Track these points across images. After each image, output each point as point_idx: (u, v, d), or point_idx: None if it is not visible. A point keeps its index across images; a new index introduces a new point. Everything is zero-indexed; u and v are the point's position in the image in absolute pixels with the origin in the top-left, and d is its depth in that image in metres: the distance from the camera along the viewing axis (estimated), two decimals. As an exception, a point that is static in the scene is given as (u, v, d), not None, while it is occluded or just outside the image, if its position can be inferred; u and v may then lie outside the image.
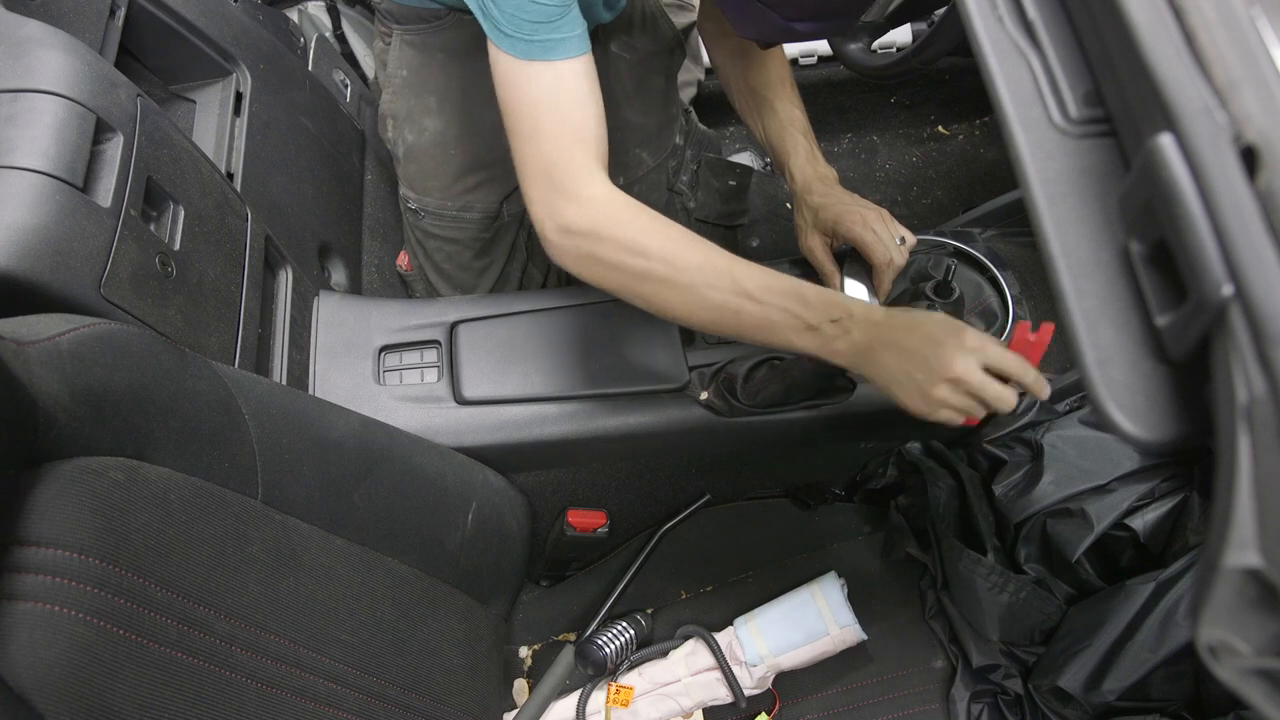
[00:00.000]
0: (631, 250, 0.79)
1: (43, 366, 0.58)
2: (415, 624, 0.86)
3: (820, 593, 1.01)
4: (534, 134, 0.80)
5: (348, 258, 1.21)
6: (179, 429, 0.67)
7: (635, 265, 0.79)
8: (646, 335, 1.02)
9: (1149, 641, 0.87)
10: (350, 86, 1.39)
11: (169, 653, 0.61)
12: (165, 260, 0.78)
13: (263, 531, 0.73)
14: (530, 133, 0.80)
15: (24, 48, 0.75)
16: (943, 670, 1.02)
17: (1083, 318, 0.40)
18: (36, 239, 0.67)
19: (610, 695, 0.99)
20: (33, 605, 0.53)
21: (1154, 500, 0.93)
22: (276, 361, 0.93)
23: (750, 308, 0.79)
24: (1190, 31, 0.37)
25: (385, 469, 0.85)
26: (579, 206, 0.79)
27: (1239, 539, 0.33)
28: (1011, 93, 0.44)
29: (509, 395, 0.98)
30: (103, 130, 0.76)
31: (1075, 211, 0.42)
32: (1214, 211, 0.34)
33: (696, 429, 0.99)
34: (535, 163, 0.80)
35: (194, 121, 1.09)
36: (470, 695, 0.90)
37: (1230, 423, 0.34)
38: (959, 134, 1.74)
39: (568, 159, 0.80)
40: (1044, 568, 0.97)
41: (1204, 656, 0.34)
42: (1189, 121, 0.36)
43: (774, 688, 1.01)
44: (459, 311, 1.03)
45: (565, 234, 0.80)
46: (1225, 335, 0.34)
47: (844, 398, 1.01)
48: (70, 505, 0.57)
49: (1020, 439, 1.01)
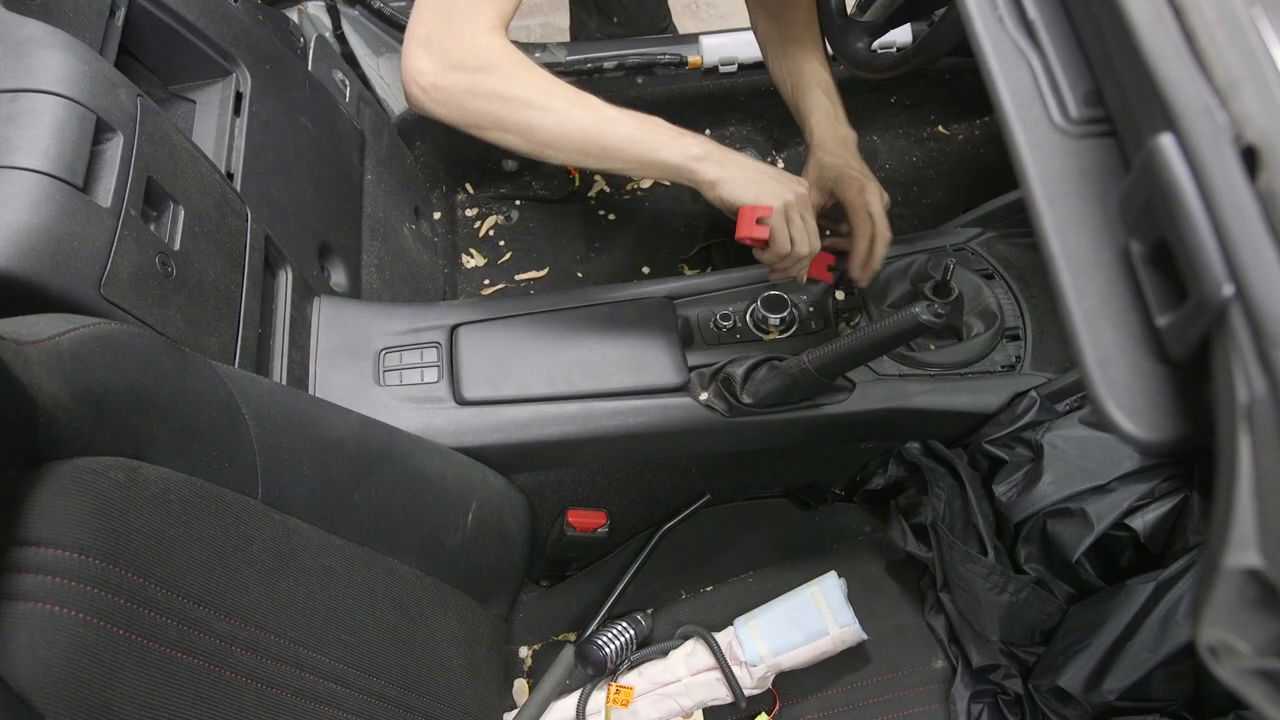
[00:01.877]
0: (512, 79, 0.83)
1: (43, 366, 0.58)
2: (415, 624, 0.86)
3: (820, 593, 1.01)
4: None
5: (347, 258, 1.21)
6: (179, 429, 0.67)
7: (513, 92, 0.83)
8: (646, 335, 1.02)
9: (1149, 641, 0.87)
10: (350, 86, 1.39)
11: (169, 653, 0.61)
12: (165, 260, 0.78)
13: (263, 531, 0.73)
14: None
15: (24, 48, 0.75)
16: (943, 670, 1.02)
17: (1083, 318, 0.40)
18: (36, 239, 0.67)
19: (610, 695, 0.98)
20: (33, 605, 0.53)
21: (1154, 500, 0.93)
22: (276, 361, 0.93)
23: (624, 122, 0.86)
24: (1190, 31, 0.37)
25: (385, 469, 0.85)
26: (469, 44, 0.83)
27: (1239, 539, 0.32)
28: (1011, 93, 0.44)
29: (509, 395, 0.98)
30: (103, 130, 0.76)
31: (1075, 211, 0.42)
32: (1214, 211, 0.34)
33: (696, 429, 0.99)
34: (430, 12, 0.83)
35: (194, 121, 1.08)
36: (470, 695, 0.90)
37: (1230, 423, 0.34)
38: (959, 134, 1.73)
39: (467, 10, 0.83)
40: (1044, 568, 0.97)
41: (1204, 656, 0.34)
42: (1189, 121, 0.36)
43: (774, 688, 1.01)
44: (459, 315, 1.03)
45: (452, 70, 0.83)
46: (1225, 335, 0.34)
47: (844, 397, 1.01)
48: (70, 505, 0.57)
49: (1020, 439, 1.01)
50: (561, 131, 0.85)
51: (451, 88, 0.83)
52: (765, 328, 1.04)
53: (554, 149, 0.86)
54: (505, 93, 0.83)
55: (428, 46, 0.83)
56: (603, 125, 0.86)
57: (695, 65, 1.56)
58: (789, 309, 1.04)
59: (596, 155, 0.86)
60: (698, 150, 0.88)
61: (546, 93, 0.84)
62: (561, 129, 0.84)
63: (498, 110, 0.84)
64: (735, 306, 1.06)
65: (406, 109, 1.56)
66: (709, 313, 1.05)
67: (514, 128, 0.85)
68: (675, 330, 1.03)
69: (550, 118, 0.84)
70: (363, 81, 1.49)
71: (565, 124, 0.84)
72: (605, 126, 0.86)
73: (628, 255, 1.61)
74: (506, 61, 0.84)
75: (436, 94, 0.84)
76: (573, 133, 0.85)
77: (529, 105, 0.83)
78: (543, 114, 0.84)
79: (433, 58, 0.83)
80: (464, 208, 1.67)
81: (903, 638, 1.05)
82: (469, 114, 0.85)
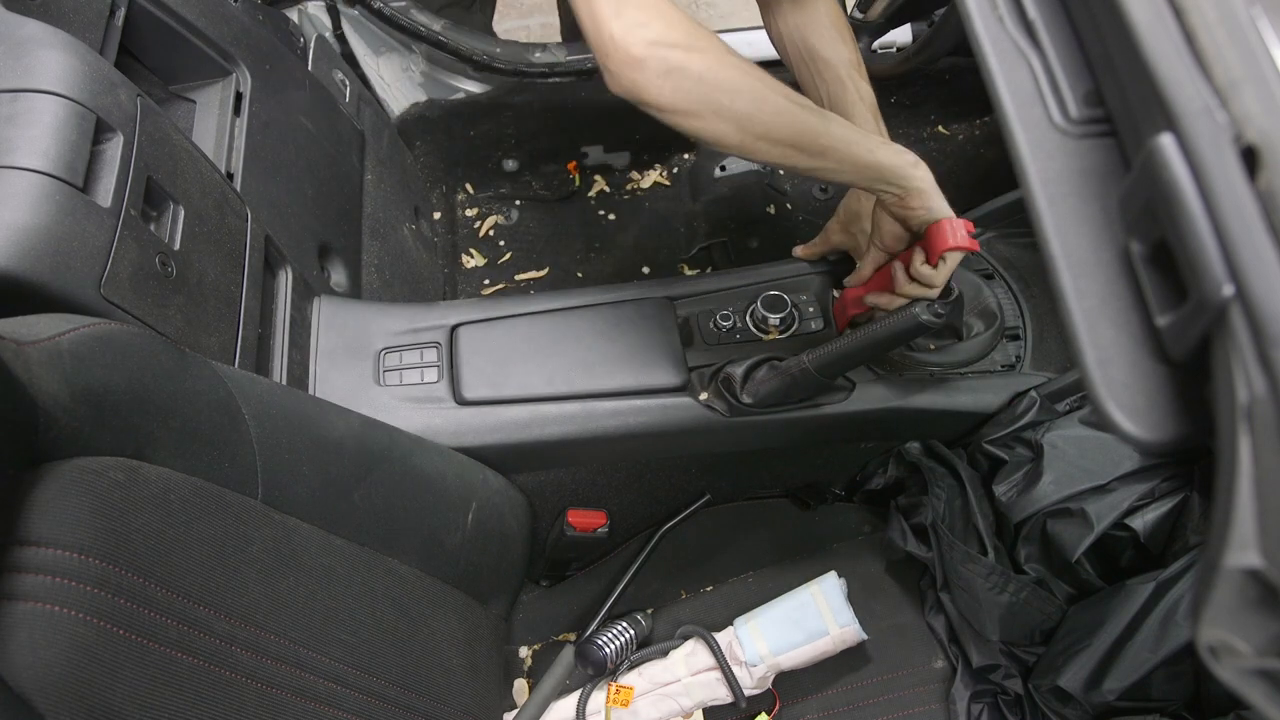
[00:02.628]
0: (725, 63, 0.77)
1: (43, 366, 0.58)
2: (415, 624, 0.86)
3: (820, 593, 1.01)
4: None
5: (347, 258, 1.21)
6: (179, 429, 0.67)
7: (728, 78, 0.76)
8: (646, 335, 1.02)
9: (1149, 641, 0.87)
10: (350, 86, 1.39)
11: (169, 653, 0.61)
12: (165, 260, 0.78)
13: (263, 531, 0.73)
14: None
15: (24, 48, 0.75)
16: (943, 670, 1.02)
17: (1083, 318, 0.40)
18: (36, 239, 0.67)
19: (610, 695, 0.98)
20: (33, 605, 0.53)
21: (1154, 500, 0.93)
22: (276, 361, 0.93)
23: (839, 121, 0.83)
24: (1190, 31, 0.37)
25: (385, 469, 0.85)
26: (667, 22, 0.75)
27: (1239, 539, 0.32)
28: (1011, 93, 0.44)
29: (509, 395, 0.98)
30: (103, 130, 0.76)
31: (1075, 211, 0.42)
32: (1214, 211, 0.34)
33: (696, 429, 0.99)
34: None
35: (194, 121, 1.08)
36: (470, 695, 0.90)
37: (1230, 423, 0.34)
38: (959, 134, 1.73)
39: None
40: (1044, 568, 0.97)
41: (1204, 656, 0.34)
42: (1189, 121, 0.36)
43: (774, 688, 1.01)
44: (459, 315, 1.03)
45: (655, 46, 0.75)
46: (1225, 335, 0.34)
47: (844, 397, 1.01)
48: (70, 505, 0.57)
49: (1020, 439, 1.01)
50: (779, 123, 0.79)
51: (659, 66, 0.75)
52: (765, 328, 1.04)
53: (766, 141, 0.80)
54: (718, 78, 0.76)
55: (621, 23, 0.75)
56: (818, 124, 0.81)
57: (695, 65, 1.56)
58: (789, 309, 1.04)
59: (810, 152, 0.82)
60: (912, 156, 0.87)
61: (762, 82, 0.78)
62: (780, 121, 0.79)
63: (712, 96, 0.77)
64: (735, 306, 1.06)
65: (406, 109, 1.56)
66: (709, 313, 1.05)
67: (730, 115, 0.78)
68: (675, 330, 1.03)
69: (766, 110, 0.78)
70: (363, 81, 1.49)
71: (783, 118, 0.79)
72: (821, 125, 0.81)
73: (628, 255, 1.61)
74: (709, 40, 0.77)
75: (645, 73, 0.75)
76: (791, 126, 0.80)
77: (747, 95, 0.77)
78: (758, 105, 0.78)
79: (638, 32, 0.75)
80: (464, 208, 1.67)
81: (903, 638, 1.05)
82: (680, 95, 0.76)
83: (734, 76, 0.77)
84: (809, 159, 0.82)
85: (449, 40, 1.47)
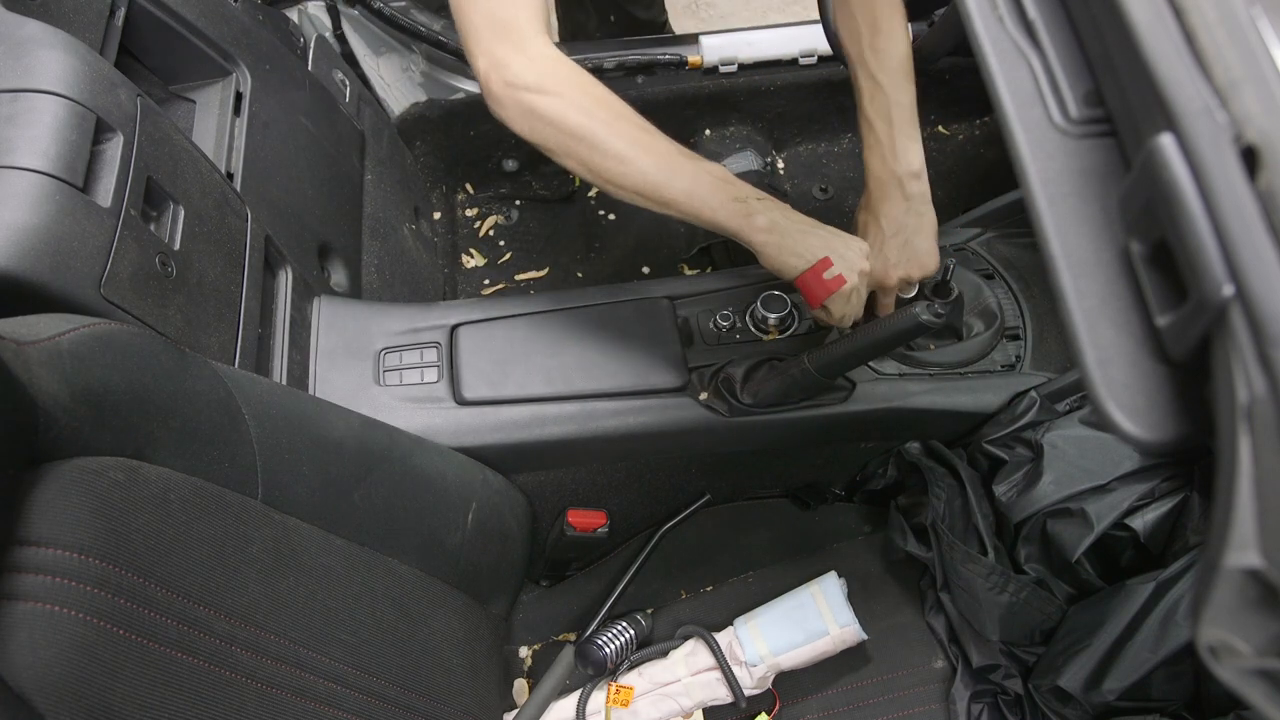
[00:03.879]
0: (576, 107, 0.80)
1: (43, 366, 0.58)
2: (415, 624, 0.86)
3: (820, 593, 1.01)
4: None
5: (347, 258, 1.21)
6: (179, 429, 0.67)
7: (576, 124, 0.80)
8: (646, 335, 1.02)
9: (1149, 641, 0.87)
10: (350, 86, 1.39)
11: (169, 653, 0.61)
12: (165, 260, 0.78)
13: (263, 531, 0.73)
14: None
15: (24, 48, 0.75)
16: (943, 670, 1.02)
17: (1083, 318, 0.40)
18: (36, 239, 0.67)
19: (610, 695, 0.99)
20: (33, 605, 0.53)
21: (1154, 500, 0.93)
22: (276, 361, 0.93)
23: (685, 173, 0.82)
24: (1190, 31, 0.37)
25: (385, 469, 0.85)
26: (527, 60, 0.80)
27: (1239, 539, 0.32)
28: (1011, 93, 0.44)
29: (509, 395, 0.98)
30: (103, 130, 0.76)
31: (1075, 211, 0.42)
32: (1214, 211, 0.34)
33: (696, 429, 0.99)
34: (478, 15, 0.80)
35: (194, 121, 1.08)
36: (470, 695, 0.90)
37: (1230, 423, 0.34)
38: (959, 134, 1.73)
39: (512, 15, 0.80)
40: (1044, 568, 0.97)
41: (1204, 656, 0.34)
42: (1189, 121, 0.36)
43: (774, 688, 1.01)
44: (459, 315, 1.03)
45: (510, 88, 0.80)
46: (1225, 335, 0.34)
47: (844, 397, 1.01)
48: (70, 505, 0.57)
49: (1020, 439, 1.01)
50: (623, 173, 0.82)
51: (516, 106, 0.80)
52: (765, 328, 1.04)
53: (614, 186, 0.84)
54: (564, 123, 0.80)
55: (489, 60, 0.80)
56: (662, 178, 0.83)
57: (695, 65, 1.56)
58: (789, 309, 1.04)
59: (656, 202, 0.84)
60: (765, 220, 0.85)
61: (609, 130, 0.81)
62: (620, 172, 0.82)
63: (561, 140, 0.82)
64: (735, 306, 1.06)
65: (406, 109, 1.56)
66: (709, 313, 1.05)
67: (580, 161, 0.83)
68: (675, 330, 1.03)
69: (610, 159, 0.82)
70: (363, 81, 1.49)
71: (626, 168, 0.82)
72: (665, 179, 0.83)
73: (628, 255, 1.61)
74: (558, 82, 0.80)
75: (506, 112, 0.81)
76: (637, 177, 0.83)
77: (587, 139, 0.81)
78: (604, 154, 0.81)
79: (499, 73, 0.80)
80: (464, 208, 1.67)
81: (903, 638, 1.05)
82: (540, 138, 0.82)
83: (583, 123, 0.80)
84: (658, 208, 0.85)
85: (449, 40, 1.47)
